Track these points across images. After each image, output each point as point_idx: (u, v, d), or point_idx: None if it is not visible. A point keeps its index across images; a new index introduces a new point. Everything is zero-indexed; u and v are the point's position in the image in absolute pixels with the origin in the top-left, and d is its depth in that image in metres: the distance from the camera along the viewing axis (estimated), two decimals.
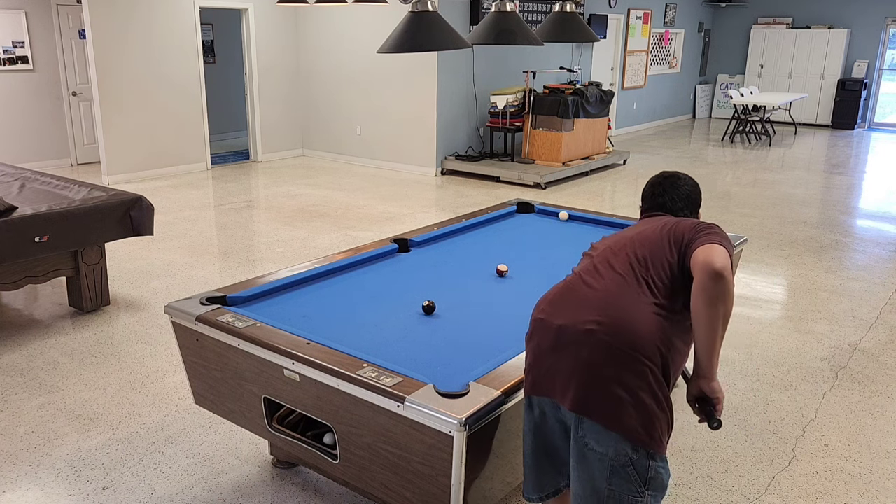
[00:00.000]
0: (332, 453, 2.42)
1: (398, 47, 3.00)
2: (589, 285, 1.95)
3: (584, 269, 2.03)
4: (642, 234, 2.06)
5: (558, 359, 1.89)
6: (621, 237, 2.10)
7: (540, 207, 4.35)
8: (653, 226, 2.08)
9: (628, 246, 2.02)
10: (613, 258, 2.00)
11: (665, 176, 2.30)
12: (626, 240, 2.06)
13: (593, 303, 1.89)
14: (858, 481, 3.04)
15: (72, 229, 4.34)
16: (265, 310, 2.78)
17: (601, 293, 1.90)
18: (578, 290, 1.95)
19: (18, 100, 8.95)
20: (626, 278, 1.92)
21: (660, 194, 2.27)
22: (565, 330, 1.88)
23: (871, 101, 14.17)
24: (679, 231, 1.99)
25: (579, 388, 1.84)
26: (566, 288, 1.99)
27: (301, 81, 10.39)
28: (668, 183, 2.27)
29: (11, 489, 2.91)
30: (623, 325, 1.82)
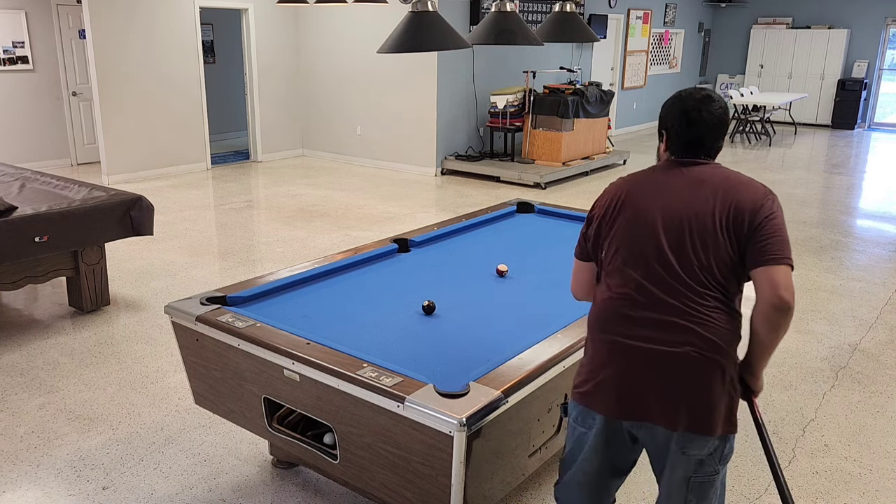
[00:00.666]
0: (332, 453, 2.42)
1: (398, 47, 3.00)
2: (664, 299, 1.81)
3: (649, 277, 1.82)
4: (698, 220, 1.80)
5: (652, 382, 1.81)
6: (672, 224, 1.82)
7: (540, 207, 4.35)
8: (702, 203, 1.81)
9: (688, 243, 1.80)
10: (679, 260, 1.80)
11: (699, 98, 1.89)
12: (680, 231, 1.81)
13: (677, 321, 1.79)
14: (858, 481, 3.04)
15: (72, 229, 4.34)
16: (265, 310, 2.78)
17: (681, 308, 1.79)
18: (656, 305, 1.81)
19: (18, 100, 8.95)
20: (698, 287, 1.80)
21: (696, 124, 1.87)
22: (658, 354, 1.79)
23: (871, 101, 14.17)
24: (738, 221, 1.79)
25: (684, 410, 1.81)
26: (637, 303, 1.83)
27: (301, 81, 10.39)
28: (705, 109, 1.87)
29: (11, 489, 2.91)
30: (712, 339, 1.79)
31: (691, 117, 1.88)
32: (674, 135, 1.91)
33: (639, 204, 1.87)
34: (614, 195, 1.93)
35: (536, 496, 2.90)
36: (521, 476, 2.42)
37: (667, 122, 1.93)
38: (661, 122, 1.96)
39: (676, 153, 1.92)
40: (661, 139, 1.96)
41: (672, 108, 1.92)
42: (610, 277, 1.90)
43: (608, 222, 1.92)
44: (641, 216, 1.85)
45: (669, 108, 1.93)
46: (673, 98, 1.95)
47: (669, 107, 1.93)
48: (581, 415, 1.95)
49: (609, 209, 1.92)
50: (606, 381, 1.87)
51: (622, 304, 1.85)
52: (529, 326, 2.64)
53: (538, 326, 2.61)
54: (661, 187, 1.87)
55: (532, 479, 3.00)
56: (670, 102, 1.94)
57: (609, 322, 1.87)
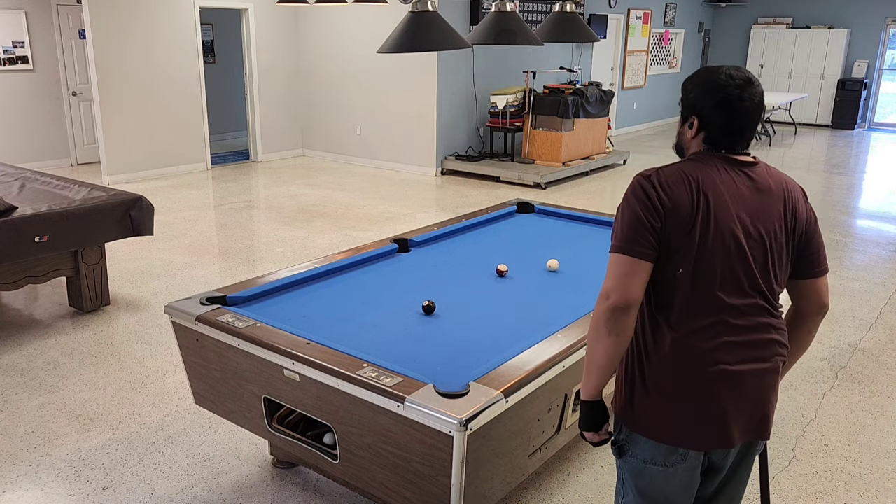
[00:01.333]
0: (332, 453, 2.42)
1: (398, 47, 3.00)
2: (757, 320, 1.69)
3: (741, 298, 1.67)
4: (775, 237, 1.69)
5: (747, 403, 1.71)
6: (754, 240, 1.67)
7: (540, 207, 4.34)
8: (774, 216, 1.69)
9: (771, 262, 1.69)
10: (764, 280, 1.69)
11: (741, 82, 1.67)
12: (763, 249, 1.68)
13: (767, 336, 1.70)
14: (858, 481, 3.04)
15: (72, 229, 4.34)
16: (265, 310, 2.78)
17: (769, 324, 1.71)
18: (750, 327, 1.68)
19: (18, 100, 8.95)
20: (775, 300, 1.74)
21: (741, 114, 1.67)
22: (756, 373, 1.69)
23: (871, 101, 14.17)
24: (798, 233, 1.74)
25: (765, 420, 1.75)
26: (734, 327, 1.66)
27: (301, 81, 10.39)
28: (748, 96, 1.66)
29: (11, 489, 2.91)
30: (786, 345, 1.77)
31: (736, 107, 1.66)
32: (713, 125, 1.69)
33: (721, 214, 1.64)
34: (691, 195, 1.64)
35: (536, 496, 2.90)
36: (521, 476, 2.42)
37: (702, 109, 1.69)
38: (691, 107, 1.71)
39: (716, 145, 1.71)
40: (691, 126, 1.72)
41: (711, 93, 1.67)
42: (692, 297, 1.65)
43: (686, 228, 1.63)
44: (726, 229, 1.64)
45: (706, 92, 1.68)
46: (708, 78, 1.69)
47: (706, 90, 1.68)
48: (664, 454, 1.72)
49: (687, 211, 1.63)
50: (708, 413, 1.67)
51: (718, 331, 1.65)
52: (529, 326, 2.64)
53: (538, 326, 2.61)
54: (735, 195, 1.66)
55: (532, 479, 3.00)
56: (706, 85, 1.68)
57: (705, 352, 1.65)
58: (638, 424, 1.73)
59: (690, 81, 1.73)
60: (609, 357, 1.67)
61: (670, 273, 1.65)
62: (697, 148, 1.74)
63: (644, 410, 1.72)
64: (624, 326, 1.64)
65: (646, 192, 1.65)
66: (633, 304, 1.63)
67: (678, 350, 1.66)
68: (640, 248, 1.63)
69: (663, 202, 1.63)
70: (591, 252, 3.58)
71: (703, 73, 1.71)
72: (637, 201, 1.65)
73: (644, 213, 1.63)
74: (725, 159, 1.70)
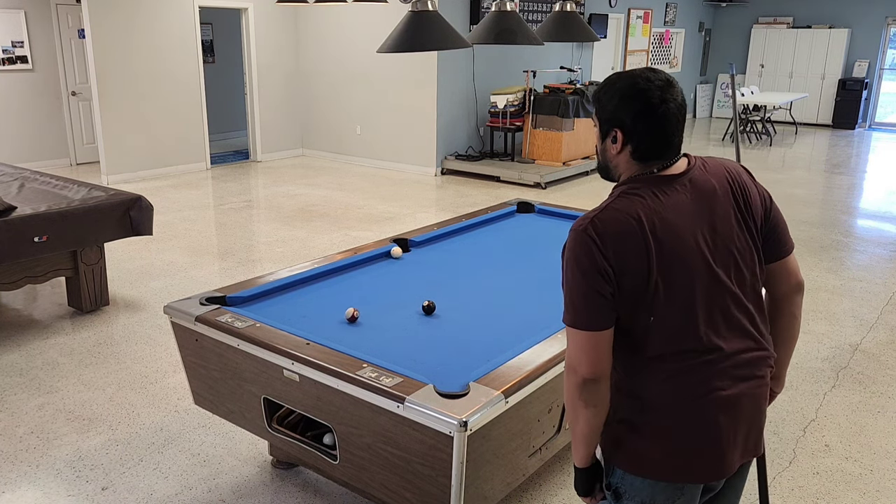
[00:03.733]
0: (332, 454, 2.41)
1: (398, 47, 2.99)
2: (743, 337, 1.60)
3: (725, 323, 1.57)
4: (736, 239, 1.58)
5: (743, 425, 1.62)
6: (721, 256, 1.56)
7: (540, 207, 4.34)
8: (727, 218, 1.58)
9: (743, 269, 1.59)
10: (744, 293, 1.60)
11: (661, 84, 1.54)
12: (730, 260, 1.57)
13: (758, 353, 1.62)
14: (859, 481, 3.03)
15: (71, 229, 4.33)
16: (265, 310, 2.77)
17: (757, 336, 1.62)
18: (740, 348, 1.59)
19: (18, 100, 8.94)
20: (758, 306, 1.64)
21: (666, 119, 1.54)
22: (754, 394, 1.61)
23: (872, 100, 14.17)
24: (755, 221, 1.62)
25: (759, 437, 1.69)
26: (723, 353, 1.56)
27: (301, 81, 10.38)
28: (671, 98, 1.54)
29: (11, 489, 2.90)
30: (773, 354, 1.68)
31: (660, 111, 1.53)
32: (639, 134, 1.54)
33: (678, 248, 1.52)
34: (639, 241, 1.50)
35: (536, 496, 2.89)
36: (521, 476, 2.42)
37: (623, 119, 1.55)
38: (611, 119, 1.57)
39: (645, 158, 1.57)
40: (614, 140, 1.58)
41: (630, 99, 1.53)
42: (673, 334, 1.55)
43: (643, 281, 1.51)
44: (689, 261, 1.52)
45: (625, 98, 1.54)
46: (625, 84, 1.55)
47: (625, 97, 1.54)
48: (662, 492, 1.62)
49: (641, 259, 1.50)
50: (707, 444, 1.58)
51: (708, 360, 1.56)
52: (530, 327, 2.63)
53: (538, 327, 2.60)
54: (684, 217, 1.54)
55: (532, 479, 2.99)
56: (624, 91, 1.54)
57: (701, 384, 1.56)
58: (633, 465, 1.63)
59: (604, 91, 1.58)
60: (591, 427, 1.61)
61: (642, 321, 1.54)
62: (626, 165, 1.60)
63: (639, 451, 1.62)
64: (599, 397, 1.57)
65: (589, 255, 1.51)
66: (603, 375, 1.56)
67: (669, 386, 1.57)
68: (596, 321, 1.53)
69: (610, 262, 1.50)
70: None
71: (616, 80, 1.57)
72: (581, 270, 1.52)
73: (592, 282, 1.51)
74: (660, 179, 1.56)
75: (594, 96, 1.63)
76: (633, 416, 1.62)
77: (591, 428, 1.61)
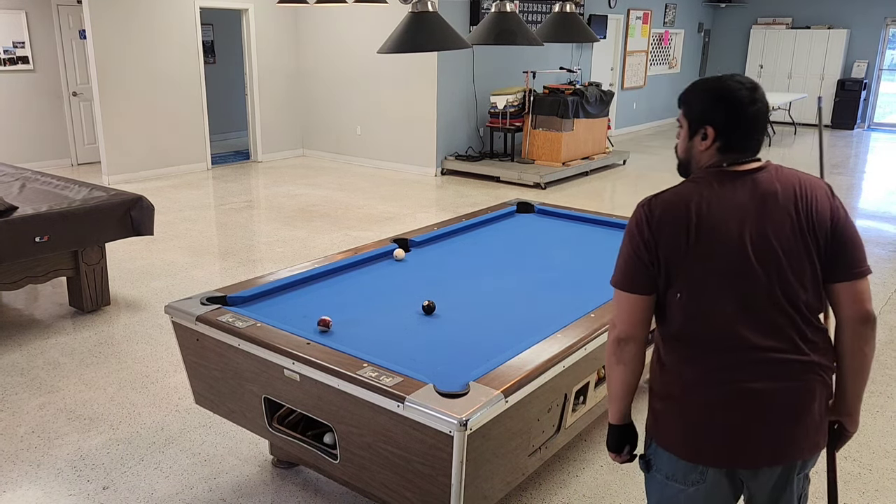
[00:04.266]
0: (333, 453, 2.42)
1: (398, 47, 3.00)
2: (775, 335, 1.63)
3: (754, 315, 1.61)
4: (787, 241, 1.61)
5: (764, 424, 1.64)
6: (763, 252, 1.60)
7: (540, 207, 4.35)
8: (783, 220, 1.61)
9: (787, 270, 1.62)
10: (783, 291, 1.62)
11: (750, 88, 1.64)
12: (773, 259, 1.61)
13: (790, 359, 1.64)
14: (858, 481, 3.04)
15: (72, 229, 4.34)
16: (265, 310, 2.78)
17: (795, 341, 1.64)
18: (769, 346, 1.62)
19: (19, 100, 8.95)
20: (804, 315, 1.66)
21: (754, 120, 1.64)
22: (783, 391, 1.63)
23: (871, 101, 14.17)
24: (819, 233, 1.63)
25: (794, 442, 1.69)
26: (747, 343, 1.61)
27: (301, 81, 10.39)
28: (760, 101, 1.65)
29: (12, 489, 2.91)
30: (823, 363, 1.71)
31: (749, 111, 1.64)
32: (729, 132, 1.65)
33: (719, 233, 1.61)
34: (682, 220, 1.62)
35: (536, 496, 2.90)
36: (521, 476, 2.43)
37: (714, 118, 1.66)
38: (702, 118, 1.68)
39: (730, 151, 1.67)
40: (704, 137, 1.68)
41: (722, 100, 1.65)
42: (699, 318, 1.63)
43: (680, 254, 1.62)
44: (727, 247, 1.60)
45: (717, 99, 1.65)
46: (715, 87, 1.67)
47: (717, 98, 1.65)
48: (683, 471, 1.70)
49: (680, 237, 1.62)
50: (722, 429, 1.64)
51: (730, 349, 1.62)
52: (529, 326, 2.64)
53: (538, 326, 2.61)
54: (735, 209, 1.62)
55: (532, 478, 3.00)
56: (715, 93, 1.66)
57: (722, 370, 1.63)
58: (661, 439, 1.73)
59: (694, 94, 1.70)
60: (623, 385, 1.75)
61: (672, 297, 1.65)
62: (710, 159, 1.70)
63: (665, 425, 1.72)
64: (630, 356, 1.71)
65: (638, 224, 1.68)
66: (635, 337, 1.70)
67: (693, 366, 1.66)
68: (635, 284, 1.68)
69: (654, 233, 1.64)
70: (590, 252, 3.59)
71: (707, 83, 1.69)
72: (630, 236, 1.69)
73: (637, 248, 1.67)
74: (725, 174, 1.66)
75: (681, 99, 1.74)
76: (666, 390, 1.71)
77: (622, 385, 1.75)
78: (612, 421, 1.83)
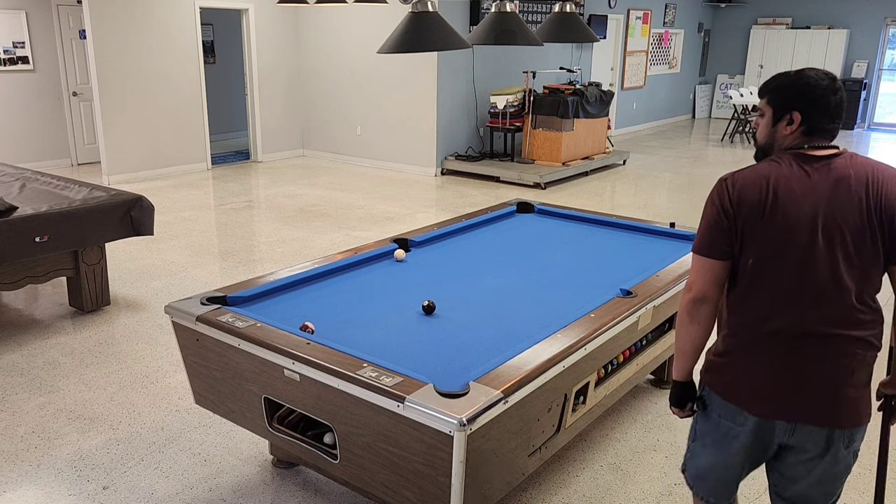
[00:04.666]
0: (333, 453, 2.42)
1: (398, 47, 3.01)
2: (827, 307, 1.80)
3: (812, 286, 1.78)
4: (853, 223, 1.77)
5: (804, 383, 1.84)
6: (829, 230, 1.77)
7: (540, 207, 4.35)
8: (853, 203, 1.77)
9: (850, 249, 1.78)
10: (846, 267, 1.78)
11: (832, 78, 1.84)
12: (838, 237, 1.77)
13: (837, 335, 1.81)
14: (858, 481, 3.04)
15: (72, 229, 4.34)
16: (265, 310, 2.78)
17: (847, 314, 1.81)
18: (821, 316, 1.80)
19: (19, 100, 8.95)
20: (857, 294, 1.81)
21: (835, 109, 1.83)
22: (814, 358, 1.83)
23: (871, 101, 14.17)
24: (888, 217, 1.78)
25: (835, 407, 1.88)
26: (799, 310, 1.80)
27: (301, 81, 10.39)
28: (840, 93, 1.83)
29: (12, 489, 2.91)
30: (869, 339, 1.88)
31: (830, 100, 1.81)
32: (814, 119, 1.82)
33: (790, 208, 1.78)
34: (760, 194, 1.80)
35: (536, 496, 2.90)
36: (521, 476, 2.43)
37: (802, 105, 1.83)
38: (790, 105, 1.84)
39: (812, 137, 1.84)
40: (790, 122, 1.84)
41: (810, 89, 1.82)
42: (761, 283, 1.83)
43: (754, 224, 1.80)
44: (796, 222, 1.77)
45: (806, 87, 1.83)
46: (802, 77, 1.85)
47: (805, 87, 1.83)
48: (730, 413, 1.93)
49: (756, 209, 1.80)
50: (762, 380, 1.86)
51: (781, 312, 1.81)
52: (529, 326, 2.64)
53: (538, 326, 2.61)
54: (807, 189, 1.79)
55: (532, 478, 3.00)
56: (803, 82, 1.84)
57: (771, 328, 1.83)
58: (716, 386, 1.96)
59: (783, 83, 1.87)
60: (692, 343, 1.94)
61: (743, 262, 1.85)
62: (792, 142, 1.86)
63: (717, 371, 1.95)
64: (703, 316, 1.91)
65: (720, 195, 1.86)
66: (709, 298, 1.89)
67: (749, 330, 1.87)
68: (713, 249, 1.87)
69: (733, 203, 1.82)
70: (590, 252, 3.59)
71: (793, 74, 1.87)
72: (712, 205, 1.87)
73: (718, 218, 1.85)
74: (801, 156, 1.83)
75: (766, 88, 1.91)
76: (724, 346, 1.94)
77: (691, 344, 1.95)
78: (676, 378, 2.03)
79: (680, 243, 3.68)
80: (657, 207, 7.71)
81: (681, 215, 7.32)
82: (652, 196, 8.28)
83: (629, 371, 3.03)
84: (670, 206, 7.78)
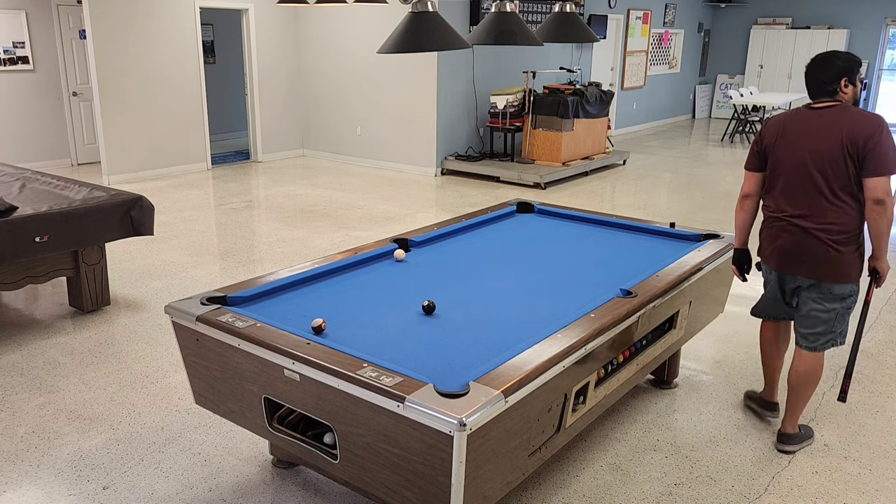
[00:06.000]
0: (332, 453, 2.42)
1: (398, 47, 3.01)
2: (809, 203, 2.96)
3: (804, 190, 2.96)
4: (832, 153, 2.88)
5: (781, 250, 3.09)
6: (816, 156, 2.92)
7: (540, 207, 4.35)
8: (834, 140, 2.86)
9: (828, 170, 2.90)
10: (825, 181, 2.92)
11: (813, 60, 3.02)
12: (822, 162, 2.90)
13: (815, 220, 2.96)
14: (858, 481, 3.04)
15: (72, 229, 4.34)
16: (265, 310, 2.78)
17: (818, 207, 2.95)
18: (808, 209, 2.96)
19: (19, 100, 8.95)
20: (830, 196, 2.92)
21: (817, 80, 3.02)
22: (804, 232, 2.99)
23: (871, 101, 14.17)
24: (854, 150, 2.83)
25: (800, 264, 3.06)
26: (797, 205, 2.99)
27: (301, 81, 10.40)
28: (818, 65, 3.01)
29: (12, 489, 2.91)
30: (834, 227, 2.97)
31: (812, 78, 3.06)
32: (809, 89, 3.04)
33: (791, 139, 2.98)
34: (776, 131, 3.05)
35: (536, 496, 2.90)
36: (520, 476, 2.43)
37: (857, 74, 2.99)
38: (853, 73, 2.95)
39: (813, 98, 3.04)
40: (855, 84, 2.98)
41: (858, 65, 2.97)
42: (775, 189, 3.07)
43: (771, 150, 3.06)
44: (795, 148, 2.97)
45: (857, 64, 2.96)
46: (852, 56, 2.95)
47: (857, 63, 2.96)
48: (766, 269, 3.23)
49: (770, 141, 3.06)
50: (770, 247, 3.13)
51: (784, 204, 3.04)
52: (529, 326, 2.64)
53: (538, 326, 2.61)
54: (806, 128, 2.95)
55: (532, 478, 3.00)
56: (854, 60, 2.95)
57: (776, 214, 3.08)
58: (758, 250, 3.26)
59: (847, 61, 2.94)
60: (743, 222, 3.25)
61: (768, 174, 3.13)
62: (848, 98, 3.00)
63: (760, 243, 3.23)
64: (748, 207, 3.22)
65: (759, 132, 3.16)
66: (751, 195, 3.20)
67: (768, 216, 3.14)
68: (752, 165, 3.18)
69: (763, 136, 3.12)
70: (590, 252, 3.59)
71: (847, 55, 2.95)
72: (755, 139, 3.16)
73: (754, 145, 3.16)
74: (808, 107, 3.00)
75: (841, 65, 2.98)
76: (761, 226, 3.20)
77: (743, 223, 3.25)
78: (735, 245, 3.33)
79: (680, 243, 3.68)
80: (657, 207, 7.71)
81: (681, 215, 7.32)
82: (652, 196, 8.29)
83: (629, 371, 3.03)
84: (670, 206, 7.78)
